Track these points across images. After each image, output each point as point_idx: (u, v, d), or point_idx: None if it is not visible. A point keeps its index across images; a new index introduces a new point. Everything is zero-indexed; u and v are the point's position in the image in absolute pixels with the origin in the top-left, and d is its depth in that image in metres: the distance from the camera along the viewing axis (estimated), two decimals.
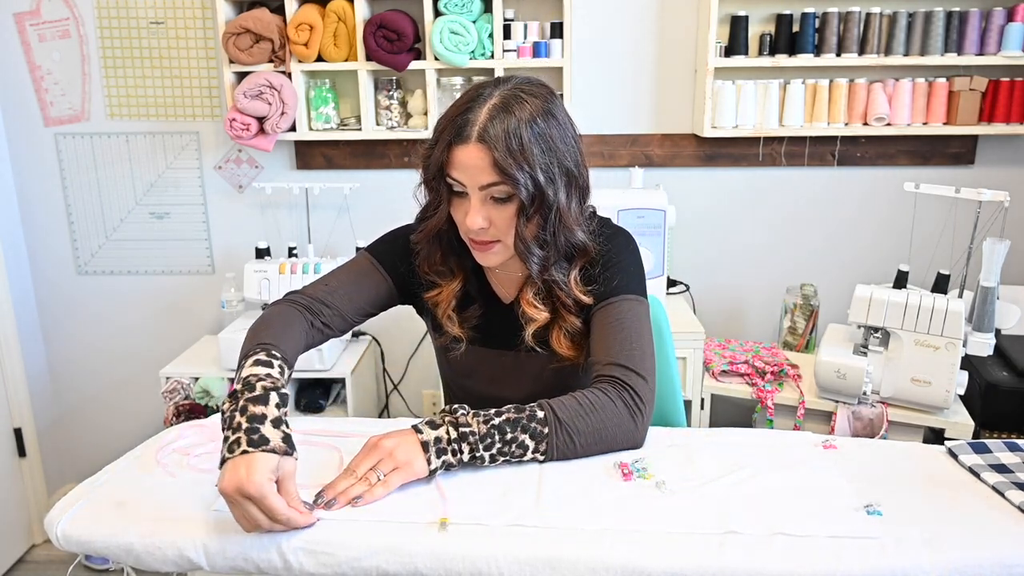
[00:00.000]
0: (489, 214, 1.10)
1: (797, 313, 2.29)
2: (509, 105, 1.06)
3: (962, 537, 0.87)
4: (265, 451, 0.90)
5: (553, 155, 1.08)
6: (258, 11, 2.22)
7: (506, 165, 1.04)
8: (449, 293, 1.23)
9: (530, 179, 1.06)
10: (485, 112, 1.06)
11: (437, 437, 0.99)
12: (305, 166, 2.47)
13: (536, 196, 1.07)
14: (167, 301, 2.62)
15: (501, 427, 1.01)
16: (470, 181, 1.08)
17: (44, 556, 2.54)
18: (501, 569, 0.85)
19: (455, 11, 2.18)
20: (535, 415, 1.03)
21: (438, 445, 0.98)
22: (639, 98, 2.39)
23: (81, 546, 0.92)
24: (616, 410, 1.06)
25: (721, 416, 2.10)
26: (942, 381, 1.79)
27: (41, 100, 2.47)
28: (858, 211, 2.42)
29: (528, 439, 1.01)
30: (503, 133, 1.04)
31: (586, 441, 1.04)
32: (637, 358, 1.11)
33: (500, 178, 1.06)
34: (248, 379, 1.01)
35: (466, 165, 1.07)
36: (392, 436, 0.99)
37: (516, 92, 1.08)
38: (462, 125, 1.07)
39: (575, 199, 1.14)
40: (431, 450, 0.98)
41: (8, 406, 2.47)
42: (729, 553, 0.85)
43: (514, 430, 1.01)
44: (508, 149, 1.04)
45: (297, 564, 0.88)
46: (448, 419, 1.01)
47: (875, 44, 2.16)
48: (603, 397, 1.07)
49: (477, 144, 1.05)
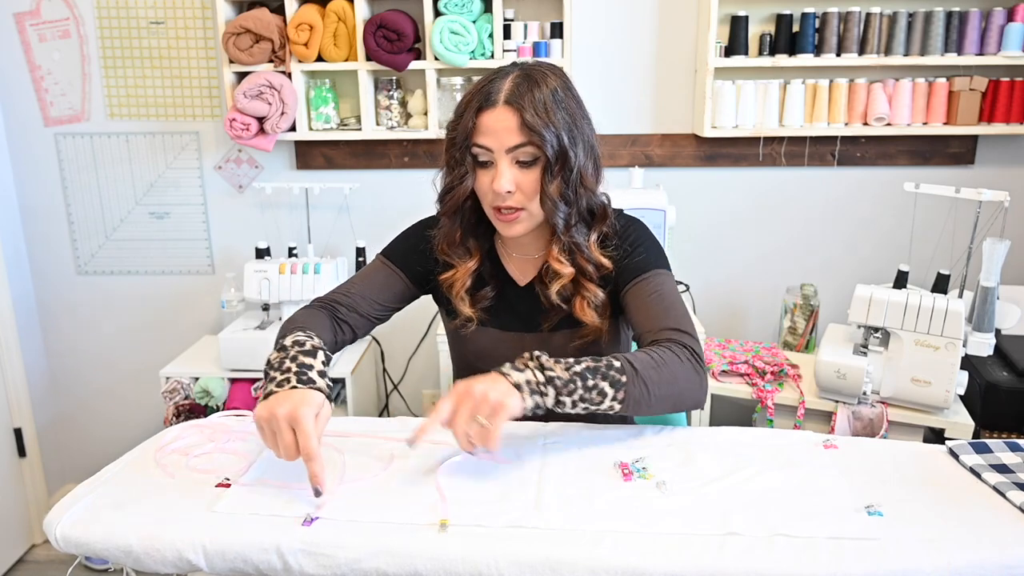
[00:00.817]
0: (515, 178, 1.16)
1: (797, 313, 2.29)
2: (532, 76, 1.16)
3: (963, 538, 0.87)
4: (313, 389, 1.01)
5: (573, 121, 1.17)
6: (258, 11, 2.21)
7: (534, 124, 1.12)
8: (465, 272, 1.28)
9: (555, 138, 1.13)
10: (509, 81, 1.15)
11: (527, 379, 1.00)
12: (305, 166, 2.47)
13: (560, 156, 1.15)
14: (167, 301, 2.62)
15: (583, 374, 1.02)
16: (498, 144, 1.14)
17: (44, 556, 2.54)
18: (501, 570, 0.85)
19: (455, 11, 2.18)
20: (612, 364, 1.05)
21: (530, 386, 1.00)
22: (639, 98, 2.39)
23: (80, 547, 0.92)
24: (683, 365, 1.10)
25: (721, 416, 2.10)
26: (942, 381, 1.79)
27: (41, 100, 2.47)
28: (858, 211, 2.42)
29: (608, 387, 1.03)
30: (529, 96, 1.13)
31: (660, 392, 1.07)
32: (685, 323, 1.16)
33: (528, 138, 1.13)
34: (297, 339, 1.09)
35: (494, 129, 1.14)
36: (480, 381, 0.99)
37: (536, 68, 1.18)
38: (489, 92, 1.15)
39: (591, 167, 1.21)
40: (524, 390, 0.99)
41: (8, 406, 2.47)
42: (729, 554, 0.85)
43: (594, 377, 1.02)
44: (535, 110, 1.12)
45: (297, 566, 0.88)
46: (532, 363, 1.02)
47: (875, 44, 2.16)
48: (669, 353, 1.10)
49: (505, 107, 1.13)
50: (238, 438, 1.14)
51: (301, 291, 2.21)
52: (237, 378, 2.25)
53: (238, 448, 1.11)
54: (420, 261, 1.33)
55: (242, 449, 1.11)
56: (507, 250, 1.33)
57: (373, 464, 1.05)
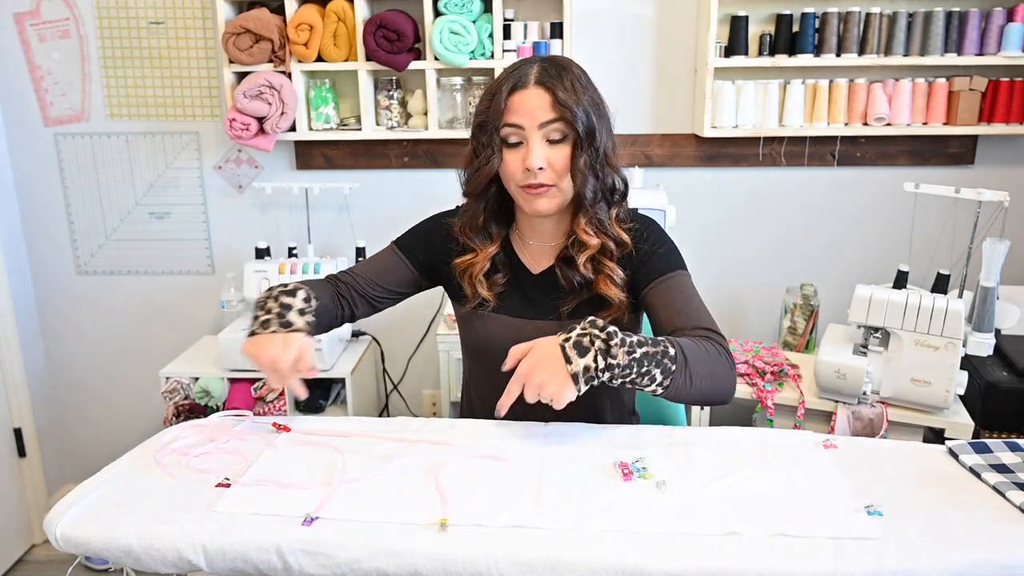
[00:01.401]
0: (546, 155, 1.21)
1: (797, 313, 2.29)
2: (556, 62, 1.23)
3: (963, 537, 0.87)
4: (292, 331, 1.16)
5: (596, 104, 1.23)
6: (258, 11, 2.21)
7: (566, 100, 1.18)
8: (485, 257, 1.31)
9: (585, 115, 1.20)
10: (537, 67, 1.22)
11: (586, 366, 1.04)
12: (305, 166, 2.47)
13: (588, 133, 1.21)
14: (167, 301, 2.62)
15: (641, 360, 1.05)
16: (530, 122, 1.20)
17: (44, 556, 2.54)
18: (501, 570, 0.85)
19: (455, 11, 2.18)
20: (667, 351, 1.08)
21: (587, 375, 1.04)
22: (639, 98, 2.39)
23: (80, 547, 0.92)
24: (722, 360, 1.15)
25: (721, 416, 2.10)
26: (942, 381, 1.79)
27: (41, 100, 2.47)
28: (858, 211, 2.42)
29: (659, 374, 1.06)
30: (558, 78, 1.20)
31: (701, 385, 1.10)
32: (714, 323, 1.23)
33: (559, 113, 1.19)
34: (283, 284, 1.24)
35: (527, 107, 1.20)
36: (542, 368, 1.06)
37: (558, 57, 1.26)
38: (520, 76, 1.21)
39: (611, 147, 1.27)
40: (580, 380, 1.04)
41: (8, 406, 2.47)
42: (729, 554, 0.85)
43: (650, 363, 1.06)
44: (565, 88, 1.19)
45: (296, 566, 0.88)
46: (599, 346, 1.05)
47: (875, 44, 2.16)
48: (712, 347, 1.15)
49: (536, 87, 1.20)
50: (238, 438, 1.14)
51: None
52: (237, 378, 2.25)
53: (238, 448, 1.11)
54: (429, 251, 1.37)
55: (242, 449, 1.11)
56: (523, 239, 1.36)
57: (373, 464, 1.05)
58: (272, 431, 1.17)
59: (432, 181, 2.46)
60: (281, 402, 2.23)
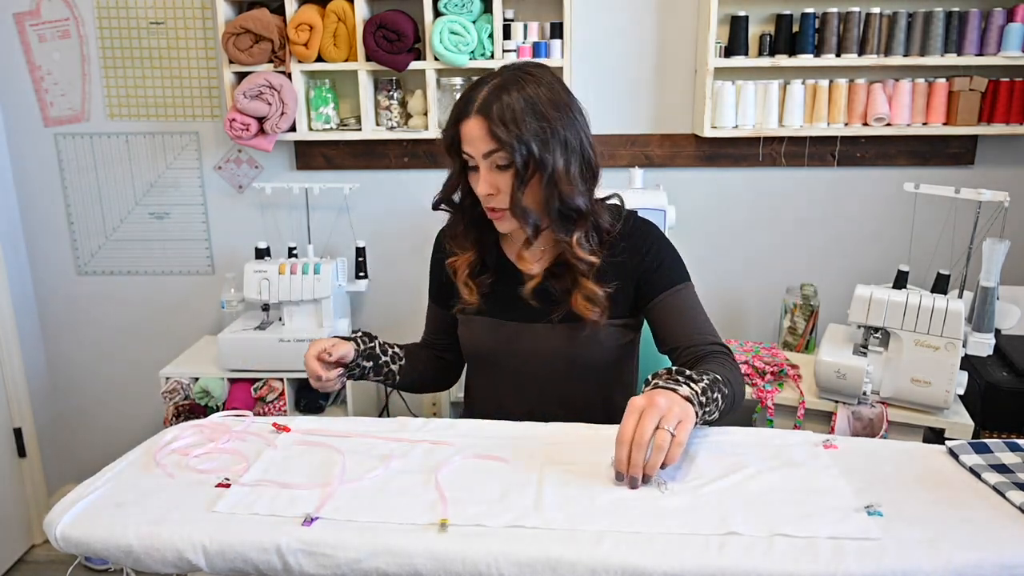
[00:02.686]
0: (495, 181, 1.22)
1: (797, 313, 2.29)
2: (507, 83, 1.20)
3: (963, 538, 0.87)
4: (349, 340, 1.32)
5: (547, 123, 1.19)
6: (258, 11, 2.21)
7: (499, 132, 1.17)
8: (464, 262, 1.36)
9: (523, 145, 1.17)
10: (485, 90, 1.21)
11: (693, 391, 1.04)
12: (305, 166, 2.47)
13: (530, 161, 1.19)
14: (167, 301, 2.62)
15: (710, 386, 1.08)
16: (475, 151, 1.22)
17: (44, 556, 2.54)
18: (501, 570, 0.85)
19: (455, 11, 2.18)
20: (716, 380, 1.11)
21: (696, 398, 1.04)
22: (639, 98, 2.39)
23: (80, 547, 0.92)
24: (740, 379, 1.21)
25: None
26: (942, 381, 1.79)
27: (41, 100, 2.47)
28: (858, 211, 2.42)
29: (720, 398, 1.10)
30: (497, 105, 1.18)
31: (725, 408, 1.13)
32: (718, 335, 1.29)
33: (496, 145, 1.18)
34: None
35: (471, 137, 1.21)
36: (657, 395, 1.00)
37: (515, 72, 1.23)
38: (465, 103, 1.22)
39: (575, 166, 1.23)
40: (694, 402, 1.03)
41: (8, 406, 2.47)
42: (729, 554, 0.85)
43: (713, 392, 1.08)
44: (501, 119, 1.17)
45: (296, 566, 0.88)
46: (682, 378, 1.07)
47: (875, 44, 2.16)
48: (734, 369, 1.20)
49: (476, 117, 1.20)
50: (238, 438, 1.14)
51: (301, 291, 2.21)
52: (237, 378, 2.25)
53: (238, 448, 1.11)
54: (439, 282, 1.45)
55: (242, 449, 1.11)
56: (513, 243, 1.37)
57: (373, 464, 1.05)
58: (272, 431, 1.17)
59: (432, 181, 2.43)
60: (281, 402, 2.23)
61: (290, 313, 2.26)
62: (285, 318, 2.27)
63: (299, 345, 2.19)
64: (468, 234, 1.36)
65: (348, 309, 2.44)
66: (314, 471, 1.04)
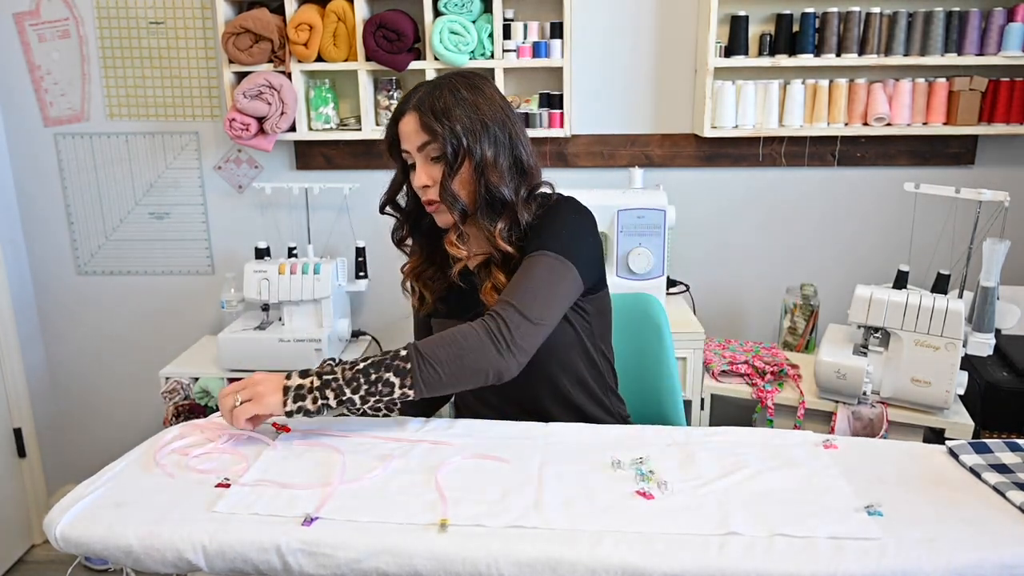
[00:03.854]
0: (431, 172, 1.27)
1: (797, 313, 2.29)
2: (438, 82, 1.28)
3: (963, 538, 0.87)
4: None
5: (476, 116, 1.25)
6: (258, 11, 2.21)
7: (431, 123, 1.23)
8: (411, 266, 1.42)
9: (451, 133, 1.23)
10: (422, 91, 1.28)
11: (299, 384, 1.10)
12: (305, 166, 2.47)
13: (457, 149, 1.24)
14: (167, 301, 2.62)
15: (365, 370, 1.10)
16: (411, 146, 1.27)
17: (44, 556, 2.54)
18: (501, 570, 0.85)
19: (455, 11, 2.18)
20: (399, 354, 1.13)
21: (298, 391, 1.09)
22: (639, 98, 2.38)
23: (80, 547, 0.92)
24: (479, 339, 1.14)
25: (721, 416, 2.10)
26: (942, 381, 1.79)
27: (41, 100, 2.47)
28: (858, 211, 2.42)
29: (393, 376, 1.10)
30: (430, 100, 1.25)
31: (449, 370, 1.12)
32: (526, 300, 1.18)
33: (429, 136, 1.24)
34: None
35: (406, 133, 1.27)
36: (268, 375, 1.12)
37: (453, 76, 1.30)
38: (401, 103, 1.29)
39: (504, 159, 1.27)
40: (289, 394, 1.09)
41: (8, 406, 2.47)
42: (729, 554, 0.85)
43: (378, 371, 1.10)
44: (432, 111, 1.24)
45: (296, 566, 0.88)
46: (316, 369, 1.13)
47: (875, 44, 2.16)
48: (467, 329, 1.15)
49: (410, 113, 1.26)
50: (238, 438, 1.14)
51: (301, 291, 2.21)
52: (237, 378, 2.25)
53: (238, 448, 1.11)
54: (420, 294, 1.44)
55: (242, 449, 1.11)
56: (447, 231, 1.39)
57: (373, 464, 1.05)
58: (272, 431, 1.17)
59: None
60: None
61: (290, 313, 2.26)
62: (285, 318, 2.27)
63: (299, 345, 2.19)
64: (414, 237, 1.41)
65: (348, 309, 2.44)
66: (314, 471, 1.04)
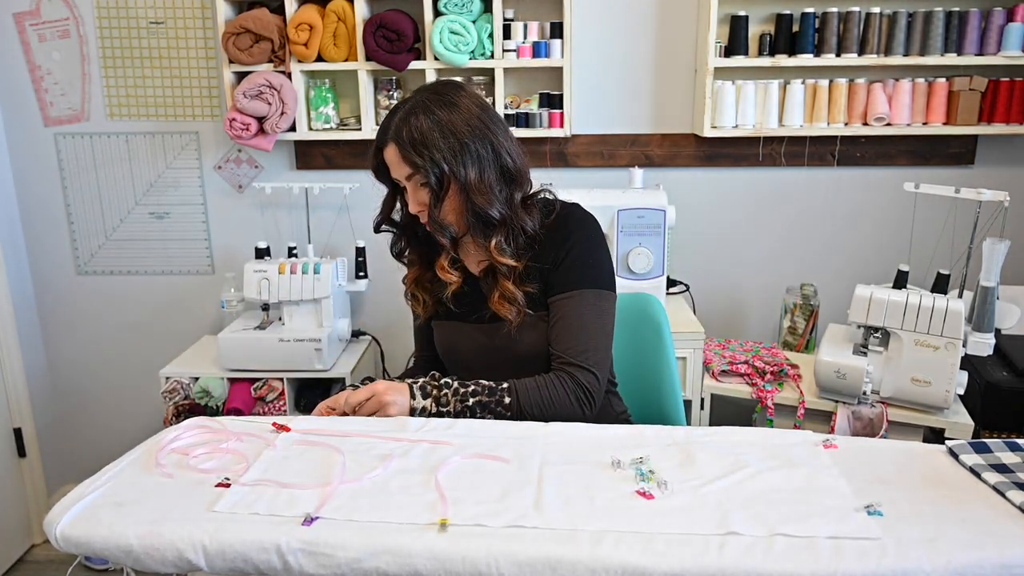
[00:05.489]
0: (422, 198, 1.29)
1: (797, 313, 2.29)
2: (416, 107, 1.26)
3: (963, 538, 0.87)
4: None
5: (455, 138, 1.24)
6: (258, 11, 2.21)
7: (412, 157, 1.24)
8: (412, 276, 1.44)
9: (434, 165, 1.24)
10: (397, 118, 1.27)
11: (424, 407, 1.22)
12: (305, 166, 2.47)
13: (441, 178, 1.25)
14: (167, 301, 2.62)
15: (473, 408, 1.22)
16: (397, 175, 1.30)
17: (44, 556, 2.54)
18: (501, 570, 0.85)
19: (455, 11, 2.18)
20: (503, 401, 1.22)
21: (423, 415, 1.21)
22: (639, 98, 2.38)
23: (80, 547, 0.92)
24: (569, 402, 1.24)
25: (721, 416, 2.10)
26: (942, 381, 1.79)
27: (41, 100, 2.47)
28: (858, 211, 2.42)
29: (493, 418, 1.21)
30: (407, 131, 1.24)
31: (538, 420, 1.19)
32: (590, 354, 1.26)
33: (411, 168, 1.26)
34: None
35: (391, 162, 1.29)
36: (394, 386, 1.22)
37: (427, 95, 1.28)
38: (383, 131, 1.29)
39: (489, 176, 1.28)
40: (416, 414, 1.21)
41: (8, 406, 2.47)
42: (729, 554, 0.85)
43: (483, 412, 1.22)
44: (412, 143, 1.24)
45: (296, 566, 0.88)
46: (433, 392, 1.23)
47: (875, 44, 2.16)
48: (560, 390, 1.24)
49: (390, 145, 1.27)
50: (238, 438, 1.14)
51: (301, 291, 2.21)
52: (237, 378, 2.25)
53: (238, 448, 1.11)
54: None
55: (242, 449, 1.11)
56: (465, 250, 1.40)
57: (373, 464, 1.05)
58: (272, 431, 1.17)
59: None
60: (281, 402, 2.23)
61: (290, 313, 2.26)
62: (285, 318, 2.27)
63: (299, 345, 2.19)
64: (412, 249, 1.43)
65: (348, 309, 2.44)
66: (314, 471, 1.03)
